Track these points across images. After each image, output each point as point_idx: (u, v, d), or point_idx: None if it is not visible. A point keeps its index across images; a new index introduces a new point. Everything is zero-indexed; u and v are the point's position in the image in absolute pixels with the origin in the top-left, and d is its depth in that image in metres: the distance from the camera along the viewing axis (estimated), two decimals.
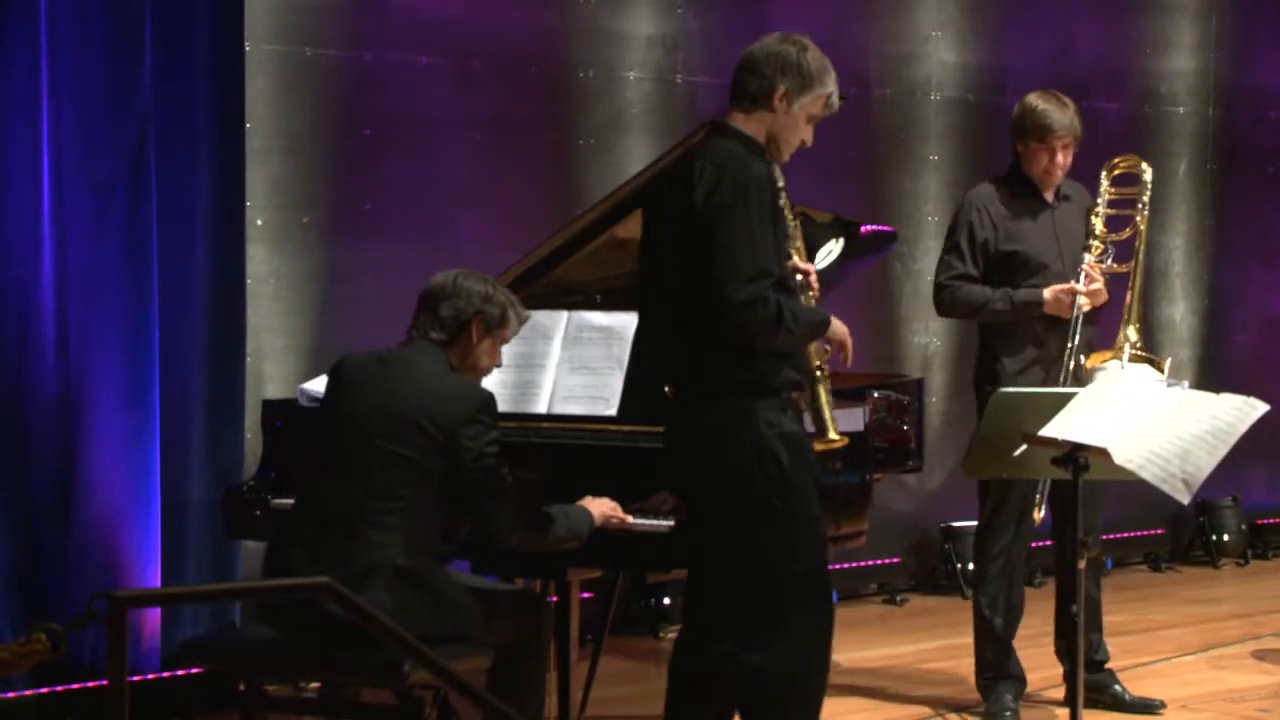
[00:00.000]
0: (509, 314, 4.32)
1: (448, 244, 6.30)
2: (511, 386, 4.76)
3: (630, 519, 4.37)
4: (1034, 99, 5.35)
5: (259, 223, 6.00)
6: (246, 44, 5.77)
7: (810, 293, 4.19)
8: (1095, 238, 5.27)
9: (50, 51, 5.24)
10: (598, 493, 4.41)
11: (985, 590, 5.37)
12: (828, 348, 4.19)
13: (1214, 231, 8.36)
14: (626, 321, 4.69)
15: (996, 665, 5.37)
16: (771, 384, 4.00)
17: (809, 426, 4.14)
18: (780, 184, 4.07)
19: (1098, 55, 7.98)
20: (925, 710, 5.55)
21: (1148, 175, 5.33)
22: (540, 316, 4.81)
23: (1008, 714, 5.30)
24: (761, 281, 3.89)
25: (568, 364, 4.73)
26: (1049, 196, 5.36)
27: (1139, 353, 5.04)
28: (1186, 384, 4.22)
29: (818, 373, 4.16)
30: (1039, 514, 5.22)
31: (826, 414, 4.12)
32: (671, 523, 4.34)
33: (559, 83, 6.68)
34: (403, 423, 4.13)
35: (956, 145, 7.65)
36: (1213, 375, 8.16)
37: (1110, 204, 5.32)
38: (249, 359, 5.74)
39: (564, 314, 4.80)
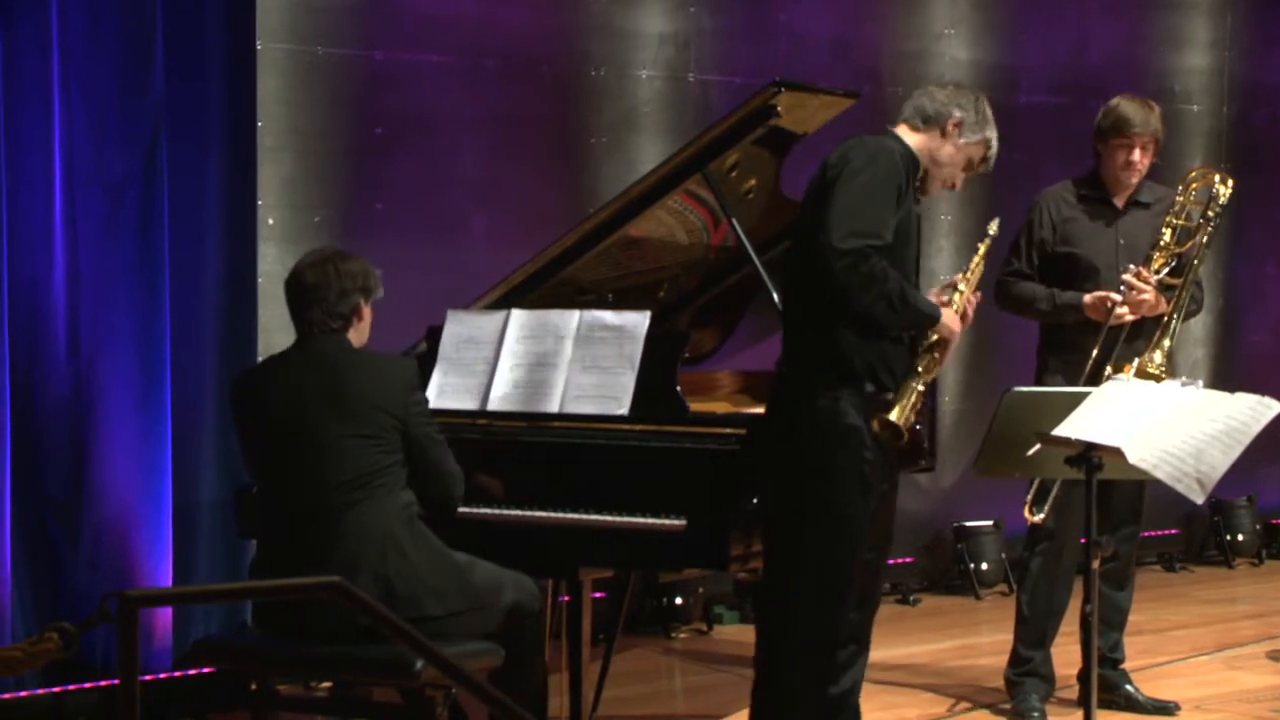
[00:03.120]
0: (378, 278, 4.40)
1: (459, 243, 6.31)
2: (523, 386, 4.77)
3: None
4: (1118, 100, 5.36)
5: (270, 222, 6.01)
6: (258, 43, 5.78)
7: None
8: (1159, 248, 5.23)
9: (61, 50, 5.26)
10: (611, 492, 4.42)
11: (1025, 585, 5.39)
12: (936, 356, 4.20)
13: (1228, 231, 8.34)
14: (638, 320, 4.69)
15: (1028, 661, 5.38)
16: (851, 366, 4.02)
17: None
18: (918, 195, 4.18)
19: (1112, 52, 7.97)
20: (939, 711, 5.55)
21: (1221, 189, 5.25)
22: (552, 316, 4.81)
23: (1035, 714, 5.31)
24: (870, 239, 3.94)
25: (580, 363, 4.74)
26: (1119, 201, 5.35)
27: (1150, 370, 5.02)
28: (1201, 383, 4.21)
29: (917, 371, 4.16)
30: (1037, 517, 5.22)
31: (902, 399, 4.11)
32: (683, 522, 4.35)
33: (571, 81, 6.69)
34: (355, 409, 4.20)
35: None
36: (1227, 375, 8.14)
37: (1188, 216, 5.27)
38: (260, 359, 5.75)
39: (576, 313, 4.81)
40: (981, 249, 4.46)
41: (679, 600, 6.67)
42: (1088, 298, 5.21)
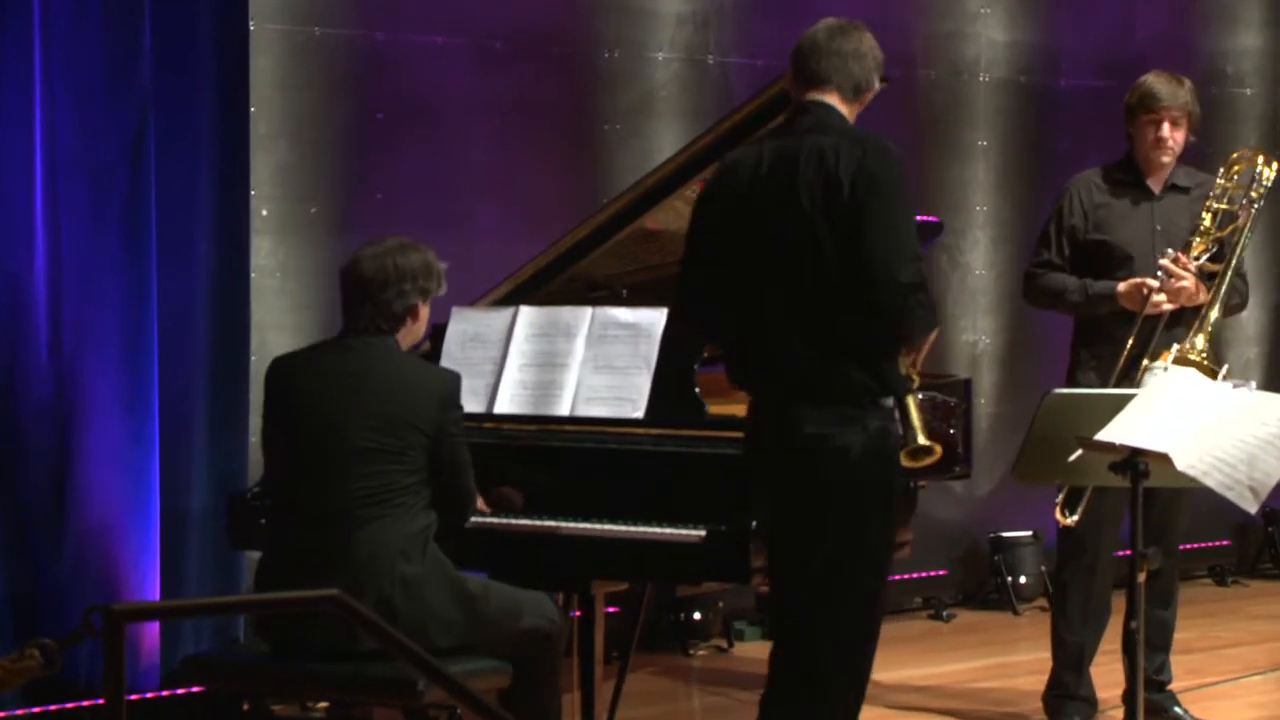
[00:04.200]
0: (442, 274, 4.38)
1: (464, 236, 6.31)
2: (532, 387, 4.77)
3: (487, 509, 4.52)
4: (1146, 76, 5.36)
5: (264, 213, 6.02)
6: (251, 23, 5.79)
7: None
8: (1199, 233, 5.22)
9: (44, 31, 5.27)
10: (625, 500, 4.42)
11: (1059, 603, 5.37)
12: (915, 360, 4.17)
13: None
14: (654, 318, 4.69)
15: (1066, 684, 5.37)
16: (889, 388, 3.97)
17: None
18: None
19: (1158, 33, 7.95)
20: None
21: (1266, 171, 5.22)
22: (563, 313, 4.81)
23: None
24: (919, 263, 3.88)
25: (592, 363, 4.74)
26: (1155, 186, 5.34)
27: (1189, 356, 5.00)
28: (1254, 384, 4.20)
29: (909, 380, 4.12)
30: (1070, 519, 5.19)
31: (916, 420, 4.07)
32: (703, 532, 4.34)
33: (583, 64, 6.69)
34: (389, 420, 4.20)
35: (1006, 130, 7.63)
36: None
37: (1230, 199, 5.26)
38: (254, 358, 5.76)
39: (588, 310, 4.81)
40: None
41: (697, 615, 6.66)
42: (1121, 286, 5.19)
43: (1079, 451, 4.12)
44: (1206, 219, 5.22)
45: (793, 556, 4.03)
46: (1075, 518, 5.16)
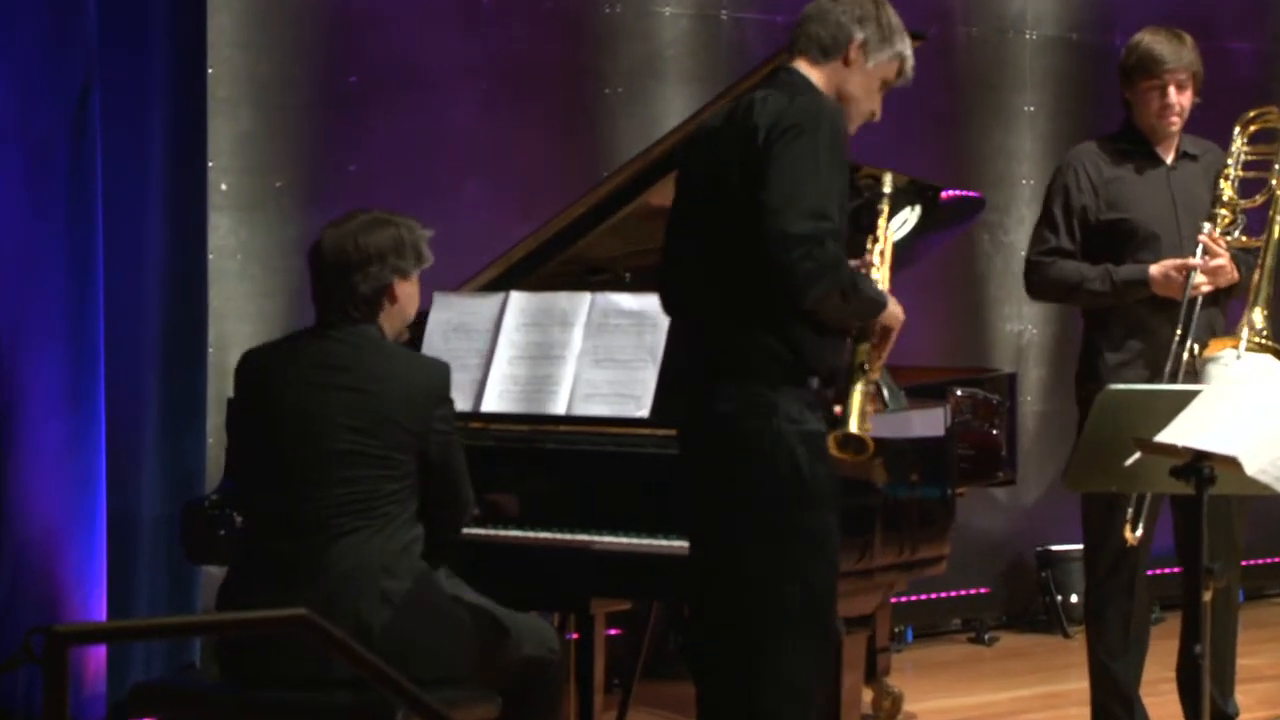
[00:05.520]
0: (422, 247, 4.35)
1: (448, 212, 6.31)
2: (524, 382, 4.78)
3: None
4: (1141, 34, 5.35)
5: (223, 187, 6.03)
6: None
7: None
8: (1223, 204, 5.22)
9: None
10: (628, 509, 4.43)
11: (1097, 626, 5.35)
12: (879, 348, 4.16)
13: None
14: (660, 306, 4.69)
15: (1117, 717, 5.35)
16: (803, 364, 4.00)
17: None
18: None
19: None
20: None
21: None
22: (559, 299, 4.82)
23: None
24: (823, 222, 3.92)
25: (591, 356, 4.75)
26: (1166, 155, 5.34)
27: (1262, 341, 5.00)
28: None
29: (862, 369, 4.12)
30: (1134, 535, 5.18)
31: (856, 406, 4.06)
32: None
33: (581, 21, 6.69)
34: (372, 419, 4.20)
35: (1056, 93, 7.64)
36: None
37: (1246, 165, 5.27)
38: (211, 349, 5.77)
39: (587, 296, 4.82)
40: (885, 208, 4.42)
41: None
42: (1154, 269, 5.17)
43: (1137, 455, 4.13)
44: (1227, 188, 5.23)
45: (704, 556, 4.09)
46: (1139, 534, 5.14)
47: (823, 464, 4.03)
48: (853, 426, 3.98)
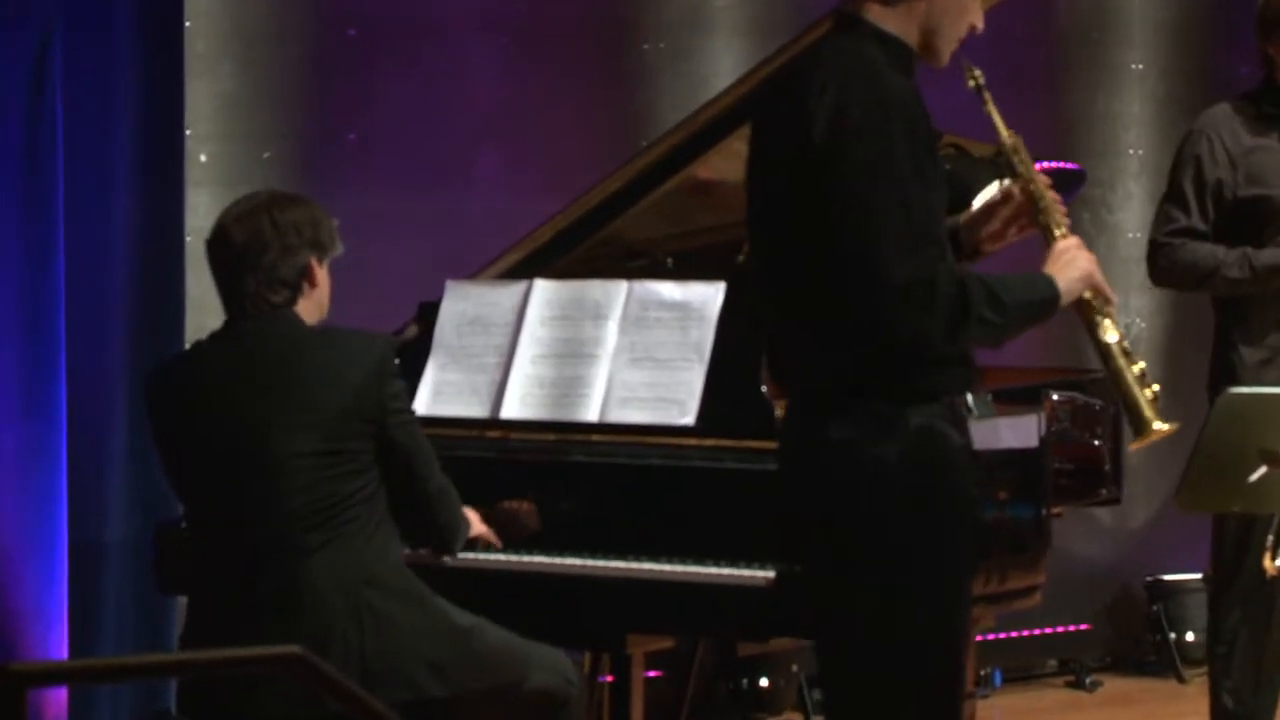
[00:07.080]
0: (334, 231, 4.40)
1: (462, 188, 6.33)
2: (549, 384, 4.77)
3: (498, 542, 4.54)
4: None
5: (203, 159, 6.04)
6: None
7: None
8: None
9: None
10: (670, 532, 4.44)
11: (1223, 663, 5.34)
12: (1107, 307, 4.10)
13: None
14: (708, 295, 4.69)
15: None
16: (933, 385, 3.92)
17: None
18: None
19: None
20: None
21: None
22: (591, 289, 4.81)
23: None
24: (925, 251, 3.75)
25: (628, 354, 4.74)
26: None
27: None
28: None
29: (1116, 346, 4.09)
30: (1275, 564, 5.16)
31: (1142, 401, 4.04)
32: (772, 574, 4.34)
33: None
34: (310, 415, 4.22)
35: (1170, 50, 7.61)
36: None
37: None
38: (188, 345, 5.78)
39: (623, 285, 4.81)
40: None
41: (765, 681, 6.67)
42: None
43: (1263, 469, 4.11)
44: None
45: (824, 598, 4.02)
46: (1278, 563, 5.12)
47: (963, 491, 3.92)
48: (1157, 425, 3.98)
